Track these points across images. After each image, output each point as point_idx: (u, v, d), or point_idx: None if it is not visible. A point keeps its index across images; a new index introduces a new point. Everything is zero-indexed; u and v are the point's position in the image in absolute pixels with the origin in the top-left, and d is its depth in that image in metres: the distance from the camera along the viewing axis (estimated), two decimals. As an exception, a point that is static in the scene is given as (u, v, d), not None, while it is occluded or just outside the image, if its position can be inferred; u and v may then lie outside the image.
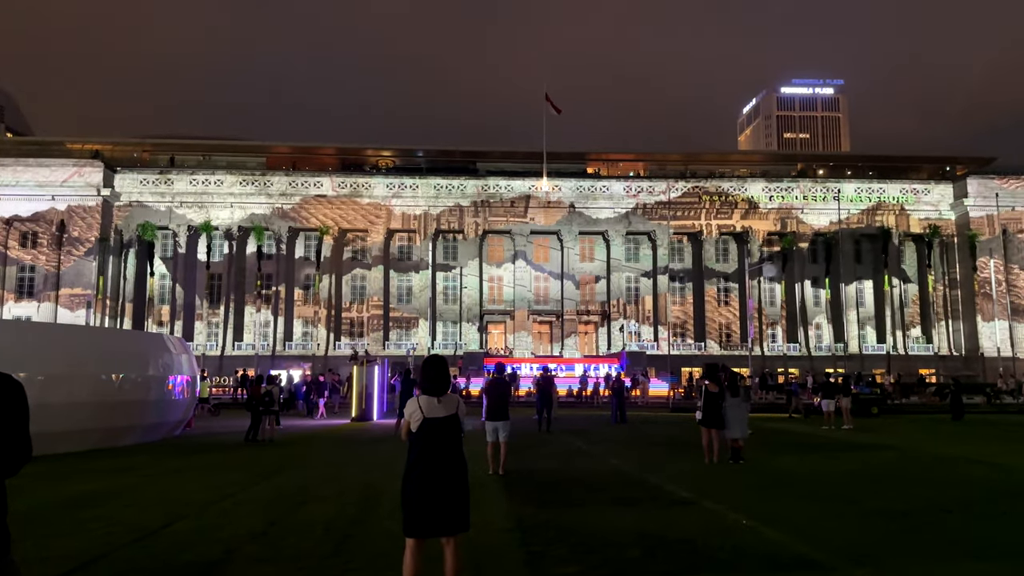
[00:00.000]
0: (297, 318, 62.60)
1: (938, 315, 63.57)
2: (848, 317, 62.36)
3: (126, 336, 31.10)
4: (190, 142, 77.24)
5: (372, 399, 29.18)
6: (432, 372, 5.75)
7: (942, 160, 74.55)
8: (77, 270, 59.33)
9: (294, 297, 62.66)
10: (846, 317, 62.31)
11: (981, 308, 60.82)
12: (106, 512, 9.67)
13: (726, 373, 15.50)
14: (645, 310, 63.81)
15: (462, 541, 5.61)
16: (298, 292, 62.97)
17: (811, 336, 62.84)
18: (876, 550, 7.61)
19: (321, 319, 61.67)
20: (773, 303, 64.24)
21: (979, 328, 60.65)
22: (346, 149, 73.46)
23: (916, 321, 64.43)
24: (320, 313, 61.77)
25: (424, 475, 5.37)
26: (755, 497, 10.94)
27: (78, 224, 59.65)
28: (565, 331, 62.46)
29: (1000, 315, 60.25)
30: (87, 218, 59.88)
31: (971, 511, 9.83)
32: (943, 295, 63.86)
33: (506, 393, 13.79)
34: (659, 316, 62.44)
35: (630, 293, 64.24)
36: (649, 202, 63.46)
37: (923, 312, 64.48)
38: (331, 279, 62.79)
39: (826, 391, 27.00)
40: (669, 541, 7.91)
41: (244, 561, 7.21)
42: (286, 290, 62.57)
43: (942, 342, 62.83)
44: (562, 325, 62.70)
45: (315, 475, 13.47)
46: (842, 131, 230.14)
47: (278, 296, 62.10)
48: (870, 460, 15.85)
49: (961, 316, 62.83)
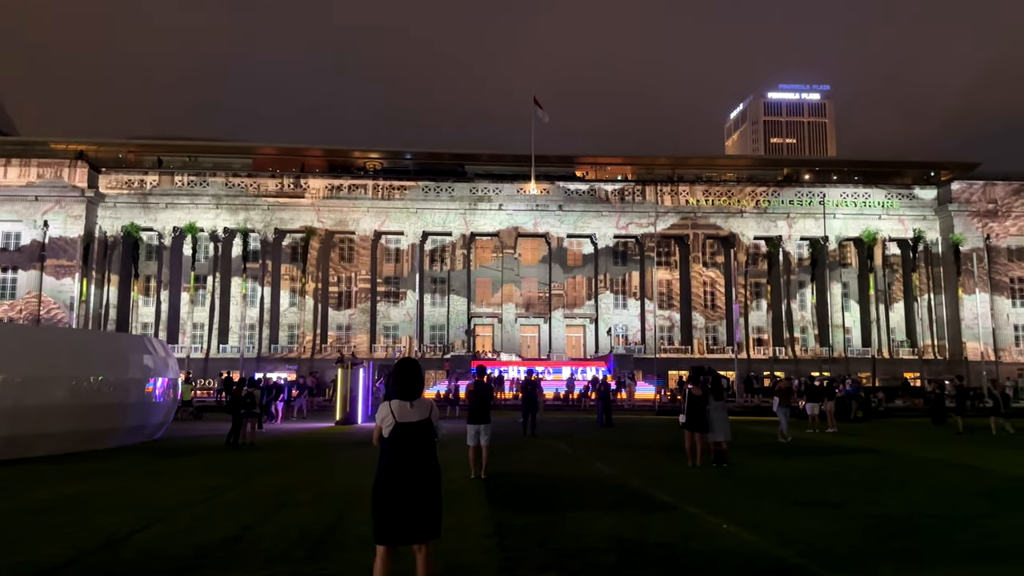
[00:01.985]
0: (283, 320, 62.23)
1: (922, 319, 64.01)
2: (833, 320, 62.66)
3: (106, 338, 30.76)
4: (176, 143, 76.73)
5: (357, 402, 29.00)
6: (404, 376, 5.66)
7: (927, 165, 75.22)
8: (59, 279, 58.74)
9: (280, 299, 62.30)
10: (831, 320, 62.61)
11: (964, 313, 61.29)
12: (79, 517, 9.51)
13: (710, 376, 15.46)
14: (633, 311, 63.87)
15: (434, 548, 5.51)
16: (284, 294, 62.61)
17: (797, 339, 63.09)
18: (857, 554, 7.57)
19: (307, 321, 61.34)
20: (759, 307, 64.49)
21: (963, 331, 61.11)
22: (334, 151, 73.23)
23: (901, 325, 64.84)
24: (306, 315, 61.45)
25: (395, 481, 5.27)
26: (737, 501, 10.89)
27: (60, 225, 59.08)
28: (552, 334, 62.41)
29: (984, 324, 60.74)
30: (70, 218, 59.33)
31: (951, 515, 9.83)
32: (927, 299, 64.31)
33: (488, 396, 13.68)
34: (646, 319, 62.52)
35: (617, 296, 64.29)
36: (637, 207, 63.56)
37: (908, 317, 64.91)
38: (318, 281, 62.48)
39: (811, 394, 27.06)
40: (648, 546, 7.84)
41: (215, 566, 7.08)
42: (272, 292, 62.19)
43: (926, 346, 63.26)
44: (549, 327, 62.66)
45: (294, 479, 13.32)
46: (828, 136, 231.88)
47: (263, 298, 61.74)
48: (853, 463, 15.87)
49: (945, 320, 63.29)
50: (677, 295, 64.60)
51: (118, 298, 61.59)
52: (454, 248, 63.38)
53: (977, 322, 60.24)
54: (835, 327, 62.57)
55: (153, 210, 61.38)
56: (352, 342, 60.79)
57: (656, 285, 63.02)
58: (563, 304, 63.34)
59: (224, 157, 70.16)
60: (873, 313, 63.38)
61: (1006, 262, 63.18)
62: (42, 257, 58.51)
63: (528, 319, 63.72)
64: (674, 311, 64.34)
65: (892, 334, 63.78)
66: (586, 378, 46.56)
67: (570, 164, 71.59)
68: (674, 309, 64.42)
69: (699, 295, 64.10)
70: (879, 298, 63.69)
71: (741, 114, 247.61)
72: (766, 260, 64.09)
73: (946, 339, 62.86)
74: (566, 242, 63.90)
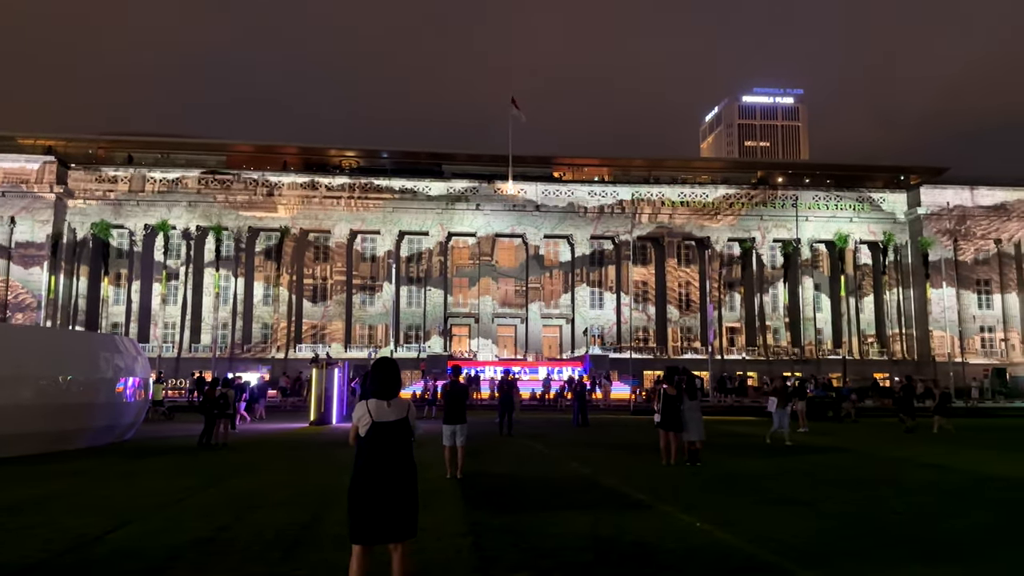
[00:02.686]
0: (256, 320, 61.62)
1: (892, 320, 65.09)
2: (805, 322, 63.50)
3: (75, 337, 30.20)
4: (148, 140, 75.61)
5: (331, 402, 28.79)
6: (382, 375, 5.65)
7: (897, 169, 76.52)
8: (27, 269, 57.66)
9: (253, 298, 61.68)
10: (803, 322, 63.44)
11: (932, 308, 62.49)
12: (47, 518, 9.36)
13: (685, 376, 15.58)
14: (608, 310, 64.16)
15: (411, 547, 5.52)
16: (258, 293, 61.99)
17: (769, 340, 63.82)
18: (828, 552, 7.70)
19: (281, 321, 60.81)
20: (733, 308, 65.15)
21: (930, 322, 62.30)
22: (309, 149, 72.65)
23: (871, 326, 65.87)
24: (280, 314, 60.91)
25: (371, 481, 5.27)
26: (710, 499, 11.01)
27: (29, 222, 57.99)
28: (529, 334, 62.50)
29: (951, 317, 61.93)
30: (39, 215, 58.26)
31: (920, 513, 10.02)
32: (897, 301, 65.41)
33: (463, 396, 13.70)
34: (621, 318, 62.85)
35: (594, 296, 64.55)
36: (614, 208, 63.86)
37: (877, 318, 65.97)
38: (292, 280, 61.95)
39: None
40: (623, 544, 7.90)
41: (188, 567, 7.01)
42: (245, 291, 61.56)
43: (896, 347, 64.34)
44: (526, 328, 62.73)
45: (268, 480, 13.22)
46: (802, 140, 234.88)
47: (237, 297, 61.09)
48: (824, 462, 16.11)
49: (914, 321, 64.41)
50: (653, 296, 65.04)
51: (88, 296, 60.60)
52: (431, 255, 63.19)
53: (944, 315, 61.44)
54: (807, 328, 63.45)
55: (124, 207, 60.47)
56: (327, 341, 60.37)
57: (632, 286, 63.39)
58: (540, 303, 63.46)
59: (198, 154, 69.26)
60: (844, 315, 64.33)
61: (972, 264, 64.51)
62: (9, 255, 57.48)
63: (505, 320, 63.73)
64: (650, 312, 64.76)
65: (863, 333, 64.78)
66: (562, 378, 46.70)
67: (547, 165, 71.74)
68: (650, 309, 64.84)
69: (674, 296, 64.60)
70: (850, 300, 64.66)
71: (716, 117, 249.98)
72: (740, 262, 64.77)
73: (914, 331, 63.87)
74: (543, 243, 64.01)
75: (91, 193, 60.35)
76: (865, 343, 64.53)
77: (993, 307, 64.40)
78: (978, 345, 63.44)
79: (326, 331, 61.49)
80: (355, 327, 62.60)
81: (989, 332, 64.25)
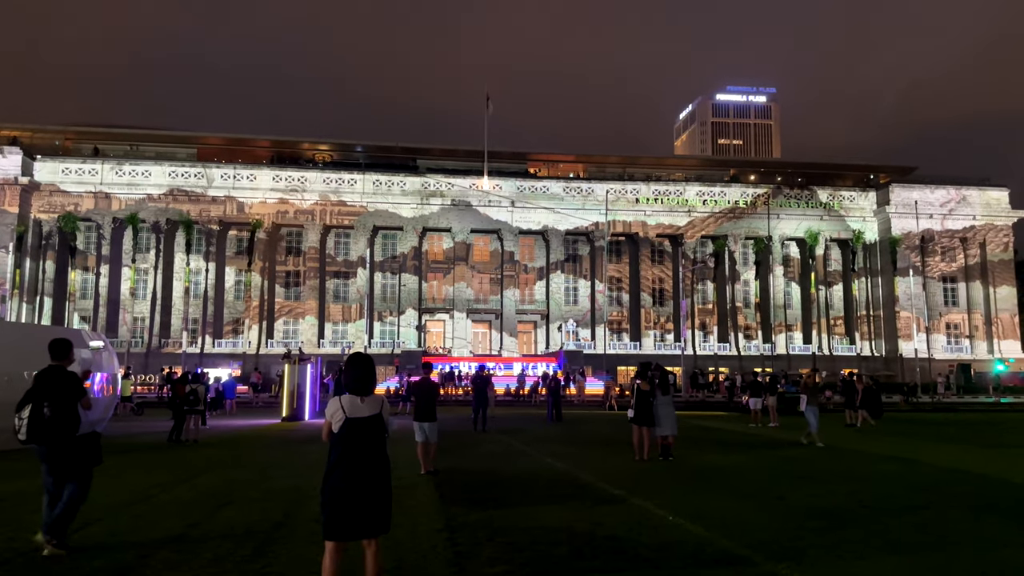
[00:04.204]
0: (228, 315, 60.91)
1: (861, 318, 66.18)
2: (775, 318, 64.31)
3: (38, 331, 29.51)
4: (116, 131, 74.29)
5: (304, 398, 28.55)
6: (356, 371, 5.58)
7: (867, 169, 77.84)
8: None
9: (224, 293, 60.95)
10: (773, 318, 64.25)
11: (899, 312, 63.62)
12: (11, 516, 9.17)
13: (658, 372, 15.67)
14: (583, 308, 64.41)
15: (384, 543, 5.48)
16: (230, 288, 61.28)
17: (740, 336, 64.54)
18: (798, 544, 7.79)
19: (252, 316, 60.17)
20: (705, 303, 65.77)
21: (898, 330, 63.40)
22: (282, 142, 71.98)
23: (840, 323, 66.93)
24: (252, 310, 60.27)
25: (345, 477, 5.22)
26: (683, 493, 11.10)
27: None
28: (504, 329, 62.54)
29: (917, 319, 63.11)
30: (3, 207, 56.96)
31: (888, 506, 10.19)
32: (865, 299, 66.51)
33: (433, 393, 13.69)
34: (596, 314, 63.15)
35: (569, 292, 64.76)
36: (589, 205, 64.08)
37: (847, 315, 67.03)
38: (264, 275, 61.32)
39: (753, 390, 27.69)
40: (597, 539, 7.93)
41: (158, 565, 6.90)
42: (216, 286, 60.81)
43: (864, 343, 65.43)
44: (501, 324, 62.76)
45: (239, 477, 13.06)
46: (774, 138, 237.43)
47: (207, 292, 60.32)
48: (794, 457, 16.32)
49: (882, 319, 65.54)
50: (627, 291, 65.45)
51: (54, 290, 59.44)
52: (406, 249, 62.89)
53: (911, 302, 62.60)
54: (777, 324, 64.27)
55: (91, 199, 59.36)
56: (299, 336, 59.87)
57: (606, 282, 63.71)
58: (515, 298, 63.54)
59: (167, 146, 68.29)
60: (814, 311, 65.27)
61: (938, 261, 65.85)
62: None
63: (480, 316, 63.69)
64: (623, 307, 65.14)
65: (833, 329, 65.80)
66: (537, 374, 46.80)
67: (523, 161, 71.80)
68: (623, 305, 65.22)
69: (648, 292, 65.06)
70: (820, 296, 65.61)
71: (690, 115, 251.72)
72: (713, 259, 65.41)
73: (883, 336, 65.03)
74: (518, 238, 64.05)
75: (58, 185, 59.15)
76: (834, 335, 65.58)
77: (959, 304, 65.76)
78: (944, 342, 64.73)
79: (298, 324, 60.97)
80: (328, 321, 62.15)
81: (955, 328, 65.60)
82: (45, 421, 7.27)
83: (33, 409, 7.27)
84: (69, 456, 7.37)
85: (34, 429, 7.24)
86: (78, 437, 7.46)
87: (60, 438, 7.31)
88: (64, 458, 7.35)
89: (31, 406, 7.30)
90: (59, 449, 7.32)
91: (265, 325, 60.60)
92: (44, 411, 7.28)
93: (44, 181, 58.94)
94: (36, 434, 7.27)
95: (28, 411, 7.28)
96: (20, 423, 7.31)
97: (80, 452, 7.44)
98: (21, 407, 7.34)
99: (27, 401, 7.33)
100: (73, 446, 7.40)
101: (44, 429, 7.26)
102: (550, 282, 63.84)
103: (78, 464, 7.42)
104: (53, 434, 7.28)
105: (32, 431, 7.24)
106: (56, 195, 59.02)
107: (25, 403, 7.33)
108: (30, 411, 7.27)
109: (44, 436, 7.27)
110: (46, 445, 7.31)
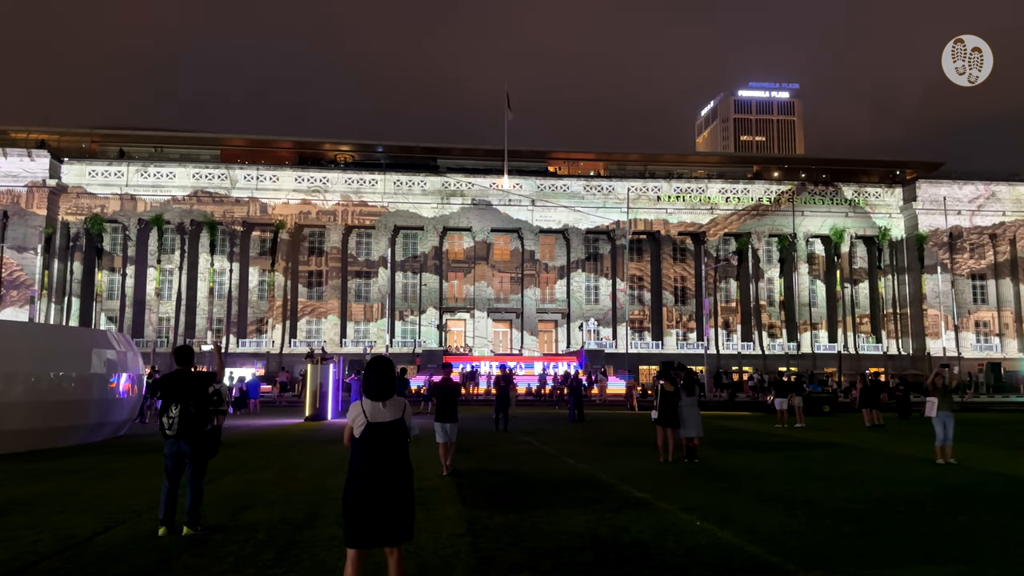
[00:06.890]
0: (252, 315, 61.40)
1: (887, 316, 65.18)
2: (800, 317, 63.53)
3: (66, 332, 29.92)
4: (141, 133, 75.19)
5: (327, 398, 28.64)
6: (376, 375, 5.48)
7: (892, 164, 76.59)
8: (21, 264, 57.31)
9: (248, 293, 61.45)
10: (798, 317, 63.47)
11: (927, 310, 62.56)
12: (36, 519, 9.18)
13: (683, 372, 15.46)
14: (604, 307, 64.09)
15: (407, 548, 5.38)
16: (253, 288, 61.76)
17: (764, 335, 63.85)
18: (829, 552, 7.59)
19: (276, 316, 60.60)
20: (729, 302, 65.14)
21: (926, 328, 62.35)
22: (304, 143, 72.41)
23: (866, 321, 65.97)
24: (275, 309, 60.70)
25: (366, 483, 5.12)
26: (709, 497, 10.90)
27: (22, 216, 57.60)
28: (525, 328, 62.41)
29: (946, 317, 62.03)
30: (32, 210, 57.87)
31: (921, 511, 9.92)
32: (892, 296, 65.48)
33: (455, 394, 13.70)
34: (617, 313, 62.80)
35: (590, 291, 64.48)
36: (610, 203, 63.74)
37: (873, 313, 66.05)
38: (287, 275, 61.73)
39: (779, 390, 27.30)
40: (622, 544, 7.78)
41: (180, 569, 6.86)
42: (240, 286, 61.32)
43: (891, 342, 64.43)
44: (522, 323, 62.64)
45: (261, 478, 13.06)
46: (797, 135, 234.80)
47: (231, 292, 60.84)
48: (822, 459, 16.01)
49: (909, 317, 64.49)
50: (648, 290, 65.01)
51: (81, 291, 60.28)
52: (426, 256, 62.97)
53: (939, 301, 61.50)
54: (802, 323, 63.48)
55: (117, 201, 60.11)
56: (322, 335, 60.21)
57: (628, 280, 63.35)
58: (536, 298, 63.39)
59: (191, 148, 68.97)
60: (840, 310, 64.39)
61: (967, 258, 64.65)
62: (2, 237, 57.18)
63: (500, 315, 63.63)
64: (645, 305, 64.72)
65: (859, 327, 64.88)
66: (558, 373, 46.59)
67: (542, 159, 71.61)
68: (645, 304, 64.81)
69: (670, 290, 64.59)
70: (846, 295, 64.71)
71: (712, 111, 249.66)
72: (735, 256, 64.77)
73: (910, 335, 63.96)
74: (539, 237, 63.88)
75: (85, 187, 59.98)
76: (860, 333, 64.65)
77: (988, 302, 64.54)
78: (973, 340, 63.57)
79: (321, 324, 61.32)
80: (350, 320, 62.43)
81: (984, 327, 64.40)
82: (192, 418, 8.17)
83: (182, 408, 8.13)
84: (205, 449, 8.40)
85: (184, 426, 8.12)
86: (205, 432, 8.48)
87: (202, 433, 8.31)
88: (203, 451, 8.35)
89: (180, 406, 8.13)
90: (200, 443, 8.29)
91: (288, 325, 60.99)
92: (191, 409, 8.17)
93: (71, 183, 59.78)
94: (186, 430, 8.14)
95: (177, 410, 8.13)
96: (171, 421, 8.13)
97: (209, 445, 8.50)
98: (167, 407, 8.18)
99: (172, 401, 8.16)
100: (205, 440, 8.42)
101: (192, 425, 8.18)
102: (571, 281, 63.60)
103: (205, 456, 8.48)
104: (199, 430, 8.26)
105: (182, 428, 8.12)
106: (83, 197, 59.84)
107: (170, 403, 8.17)
108: (179, 410, 8.12)
109: (192, 432, 8.18)
110: (193, 440, 8.19)
